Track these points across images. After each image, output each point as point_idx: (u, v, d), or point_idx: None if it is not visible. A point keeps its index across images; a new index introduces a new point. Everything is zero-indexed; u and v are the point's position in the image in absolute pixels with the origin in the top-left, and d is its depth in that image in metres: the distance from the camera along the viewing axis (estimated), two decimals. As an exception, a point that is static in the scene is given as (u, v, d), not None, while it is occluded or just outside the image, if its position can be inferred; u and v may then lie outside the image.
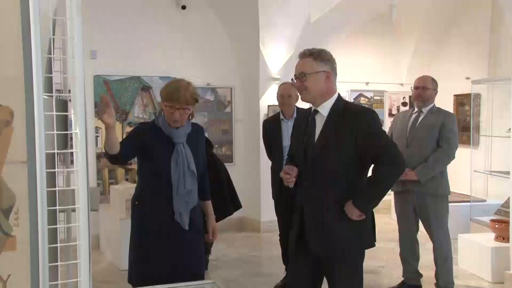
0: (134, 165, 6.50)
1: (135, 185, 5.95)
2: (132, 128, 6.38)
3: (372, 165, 2.59)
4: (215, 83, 6.97)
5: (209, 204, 3.17)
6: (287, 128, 4.43)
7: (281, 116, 4.57)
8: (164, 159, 2.84)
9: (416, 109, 4.28)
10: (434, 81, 4.26)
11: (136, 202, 3.00)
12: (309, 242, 2.60)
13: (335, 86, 2.67)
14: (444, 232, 4.14)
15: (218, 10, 6.83)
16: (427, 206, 4.13)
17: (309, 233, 2.60)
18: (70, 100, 1.61)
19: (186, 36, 6.77)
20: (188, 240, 2.92)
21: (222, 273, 5.05)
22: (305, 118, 2.72)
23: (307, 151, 2.61)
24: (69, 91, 1.61)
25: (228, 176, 5.30)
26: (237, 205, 5.35)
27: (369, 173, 2.66)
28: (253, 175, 6.98)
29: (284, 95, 4.48)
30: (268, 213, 6.89)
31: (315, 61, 2.58)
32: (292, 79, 2.68)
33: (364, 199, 2.52)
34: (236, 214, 6.80)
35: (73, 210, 1.73)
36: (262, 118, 6.77)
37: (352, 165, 2.55)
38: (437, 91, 4.26)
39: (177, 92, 2.76)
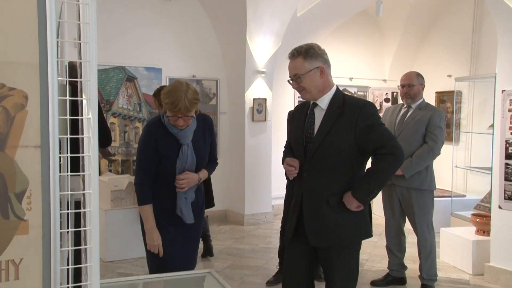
0: (117, 156, 6.46)
1: (118, 176, 5.95)
2: (115, 117, 6.37)
3: (371, 157, 2.63)
4: (200, 75, 6.96)
5: (204, 170, 3.13)
6: None
7: None
8: (171, 159, 2.92)
9: (405, 105, 4.34)
10: (419, 76, 4.32)
11: None
12: (307, 233, 2.63)
13: (331, 77, 2.68)
14: (429, 226, 4.22)
15: (205, 2, 6.81)
16: (411, 201, 4.21)
17: (307, 224, 2.63)
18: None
19: (172, 27, 6.73)
20: (187, 232, 3.04)
21: (207, 265, 5.06)
22: (303, 110, 2.73)
23: (307, 144, 2.64)
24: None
25: None
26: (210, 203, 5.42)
27: (368, 165, 2.71)
28: (237, 168, 7.00)
29: None
30: (251, 207, 6.95)
31: (306, 60, 2.57)
32: (288, 81, 2.68)
33: (363, 190, 2.54)
34: (220, 207, 6.85)
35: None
36: (247, 111, 6.80)
37: (352, 158, 2.58)
38: (424, 85, 4.32)
39: (177, 104, 2.75)
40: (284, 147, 3.01)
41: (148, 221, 2.89)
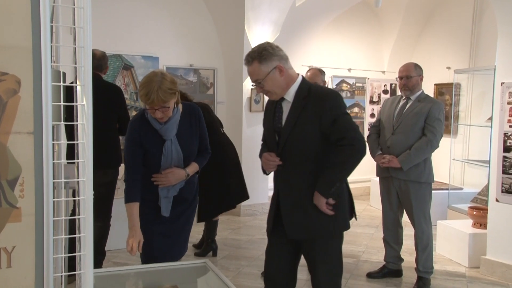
0: (114, 145, 6.42)
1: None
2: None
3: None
4: (198, 64, 6.91)
5: (193, 163, 3.08)
6: None
7: None
8: (155, 155, 2.89)
9: (404, 96, 4.29)
10: (417, 67, 4.27)
11: None
12: (284, 225, 2.63)
13: (292, 70, 2.62)
14: (426, 219, 4.20)
15: (204, -10, 6.75)
16: (409, 193, 4.18)
17: (284, 216, 2.63)
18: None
19: (170, 15, 6.67)
20: (172, 224, 3.03)
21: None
22: (273, 103, 2.69)
23: (278, 137, 2.62)
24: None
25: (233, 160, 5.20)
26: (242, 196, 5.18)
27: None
28: (234, 159, 6.96)
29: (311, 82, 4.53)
30: (248, 197, 6.92)
31: (261, 64, 2.50)
32: (252, 85, 2.64)
33: (324, 184, 2.52)
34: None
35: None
36: (245, 101, 6.77)
37: (321, 149, 2.55)
38: (422, 76, 4.27)
39: (150, 95, 2.67)
40: (262, 140, 2.95)
41: (130, 219, 2.80)
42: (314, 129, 2.50)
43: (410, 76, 4.19)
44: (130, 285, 2.67)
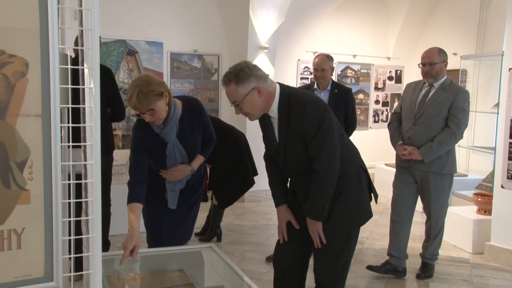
0: (118, 131, 6.43)
1: (119, 150, 5.90)
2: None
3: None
4: (202, 50, 6.88)
5: (198, 156, 3.09)
6: None
7: (315, 86, 4.52)
8: (159, 156, 2.91)
9: (427, 83, 4.04)
10: (441, 52, 3.96)
11: None
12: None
13: (271, 86, 2.50)
14: (443, 208, 4.11)
15: (208, -25, 6.70)
16: (430, 184, 4.02)
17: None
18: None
19: (174, 0, 6.63)
20: (177, 213, 3.07)
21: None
22: (264, 119, 2.64)
23: (278, 152, 2.63)
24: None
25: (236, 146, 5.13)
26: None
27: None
28: (238, 145, 6.96)
29: (318, 69, 4.43)
30: (252, 183, 6.92)
31: (239, 85, 2.40)
32: (231, 105, 2.52)
33: (311, 208, 2.56)
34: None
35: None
36: (249, 87, 6.73)
37: None
38: (447, 62, 3.99)
39: (131, 101, 2.64)
40: (265, 155, 2.87)
41: (130, 221, 2.60)
42: (303, 143, 2.50)
43: (433, 62, 3.91)
44: (136, 269, 2.69)
